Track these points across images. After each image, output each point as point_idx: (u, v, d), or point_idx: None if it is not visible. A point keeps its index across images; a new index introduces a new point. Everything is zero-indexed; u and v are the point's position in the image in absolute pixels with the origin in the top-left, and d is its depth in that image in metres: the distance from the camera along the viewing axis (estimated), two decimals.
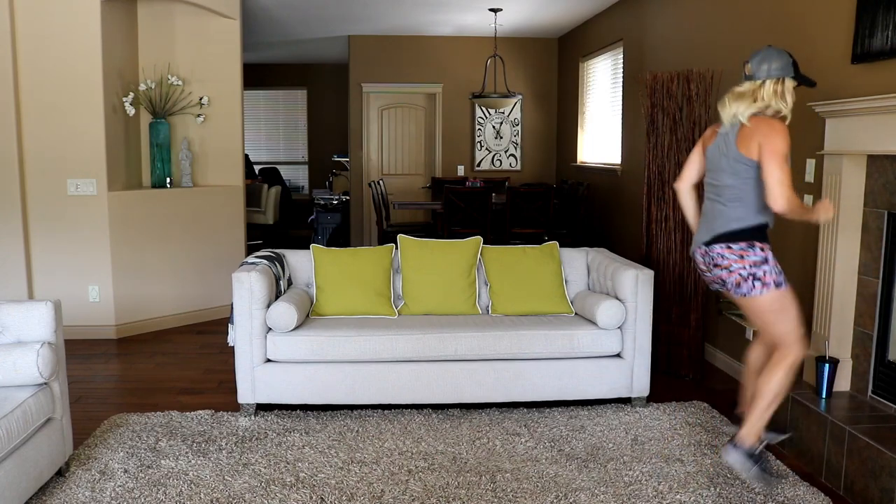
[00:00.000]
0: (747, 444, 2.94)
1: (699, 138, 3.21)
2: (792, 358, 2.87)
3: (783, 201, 2.70)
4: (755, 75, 2.87)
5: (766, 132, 2.76)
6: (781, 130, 2.76)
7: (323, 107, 12.04)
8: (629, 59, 6.68)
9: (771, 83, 2.84)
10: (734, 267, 2.85)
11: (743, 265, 2.84)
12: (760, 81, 2.85)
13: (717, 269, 2.92)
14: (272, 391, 3.91)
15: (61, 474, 3.21)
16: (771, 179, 2.71)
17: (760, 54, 2.89)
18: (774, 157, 2.71)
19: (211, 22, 6.13)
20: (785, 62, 2.85)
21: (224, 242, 6.19)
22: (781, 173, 2.70)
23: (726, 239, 2.87)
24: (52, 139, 5.30)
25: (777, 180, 2.70)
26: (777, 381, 2.87)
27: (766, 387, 2.89)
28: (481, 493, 3.09)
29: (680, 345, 4.73)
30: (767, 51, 2.89)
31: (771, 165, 2.71)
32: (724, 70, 4.63)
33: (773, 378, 2.87)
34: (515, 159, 9.46)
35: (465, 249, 4.38)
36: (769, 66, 2.84)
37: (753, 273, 2.82)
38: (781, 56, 2.86)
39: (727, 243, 2.87)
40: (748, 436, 2.94)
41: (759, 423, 2.92)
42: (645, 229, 4.88)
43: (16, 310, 3.07)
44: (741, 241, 2.85)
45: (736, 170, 2.86)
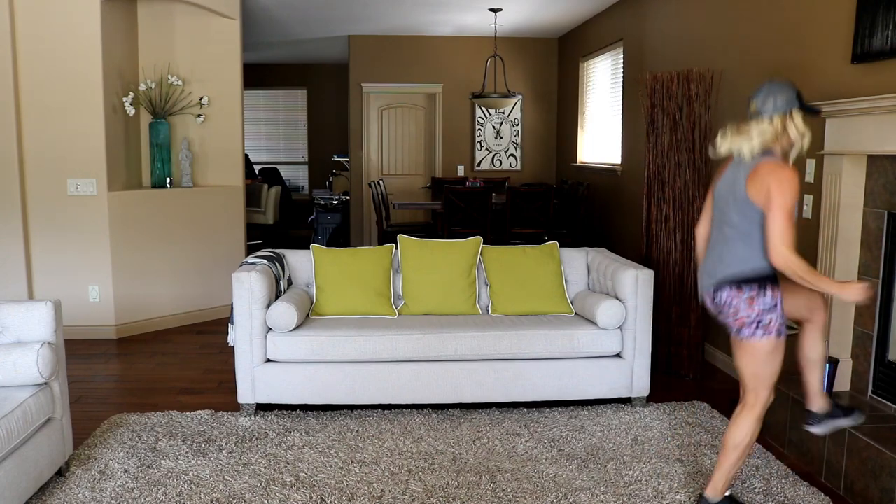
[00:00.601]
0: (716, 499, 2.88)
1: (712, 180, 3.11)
2: (761, 407, 2.80)
3: (781, 258, 2.60)
4: (762, 112, 2.77)
5: (776, 181, 2.64)
6: (791, 181, 2.64)
7: (323, 107, 12.04)
8: (629, 59, 6.68)
9: (779, 118, 2.73)
10: (741, 314, 2.74)
11: (750, 312, 2.73)
12: (769, 118, 2.75)
13: (721, 315, 2.83)
14: (272, 391, 3.91)
15: (61, 474, 3.21)
16: (772, 233, 2.62)
17: (764, 90, 2.79)
18: (780, 211, 2.60)
19: (211, 22, 6.13)
20: (790, 95, 2.75)
21: (224, 242, 6.19)
22: (782, 227, 2.59)
23: (734, 282, 2.76)
24: (52, 139, 5.30)
25: (779, 236, 2.60)
26: (746, 433, 2.79)
27: (735, 438, 2.81)
28: (481, 493, 3.09)
29: (680, 345, 4.73)
30: (770, 86, 2.80)
31: (774, 219, 2.61)
32: (724, 70, 4.64)
33: (742, 429, 2.80)
34: (515, 159, 9.46)
35: (465, 249, 4.38)
36: (775, 101, 2.74)
37: (759, 320, 2.72)
38: (785, 89, 2.77)
39: (736, 287, 2.75)
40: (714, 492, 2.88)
41: (726, 476, 2.85)
42: (645, 229, 4.88)
43: (16, 310, 3.07)
44: (753, 284, 2.73)
45: (743, 210, 2.76)
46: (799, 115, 2.76)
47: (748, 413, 2.80)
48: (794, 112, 2.75)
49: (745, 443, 2.81)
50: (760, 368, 2.77)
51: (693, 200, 4.66)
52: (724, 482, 2.86)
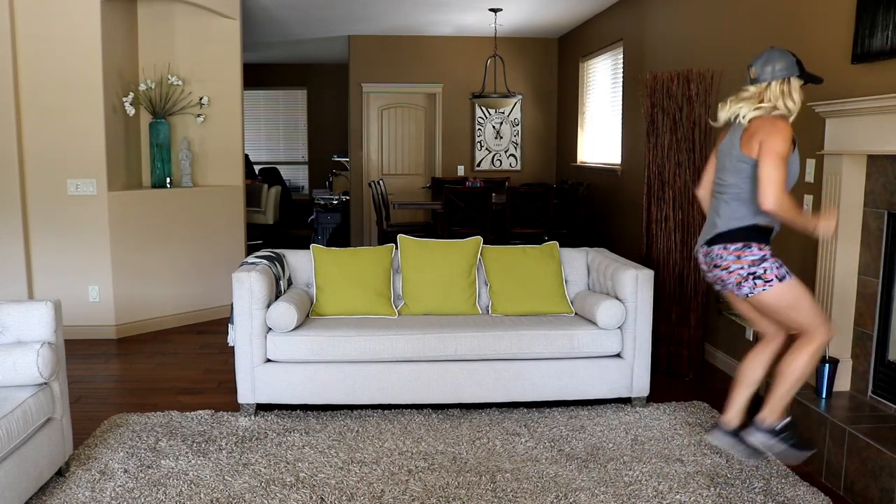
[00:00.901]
0: (768, 423, 2.93)
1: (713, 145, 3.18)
2: (818, 342, 2.83)
3: (772, 199, 2.68)
4: (760, 77, 2.85)
5: (767, 131, 2.75)
6: (783, 130, 2.74)
7: (323, 107, 12.04)
8: (629, 59, 6.68)
9: (777, 84, 2.81)
10: (733, 267, 2.84)
11: (741, 265, 2.83)
12: (766, 83, 2.83)
13: (716, 269, 2.92)
14: (272, 391, 3.91)
15: (61, 474, 3.21)
16: (763, 177, 2.70)
17: (764, 56, 2.87)
18: (770, 155, 2.70)
19: (211, 22, 6.13)
20: (789, 62, 2.83)
21: (224, 242, 6.19)
22: (774, 172, 2.68)
23: (724, 239, 2.87)
24: (52, 139, 5.30)
25: (769, 178, 2.68)
26: (802, 364, 2.83)
27: (790, 368, 2.86)
28: (481, 493, 3.09)
29: (680, 345, 4.73)
30: (770, 52, 2.88)
31: (765, 163, 2.70)
32: (724, 70, 4.63)
33: (798, 360, 2.84)
34: (515, 159, 9.46)
35: (465, 249, 4.38)
36: (773, 67, 2.82)
37: (753, 272, 2.80)
38: (785, 56, 2.84)
39: (724, 244, 2.86)
40: (770, 415, 2.93)
41: (780, 403, 2.91)
42: (645, 229, 4.88)
43: (16, 310, 3.07)
44: (738, 242, 2.84)
45: (738, 168, 2.85)
46: (798, 82, 2.82)
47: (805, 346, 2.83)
48: (793, 79, 2.81)
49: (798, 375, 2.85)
50: (792, 318, 2.83)
51: (693, 200, 4.65)
52: (781, 405, 2.90)
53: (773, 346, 3.10)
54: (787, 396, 2.92)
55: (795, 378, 2.87)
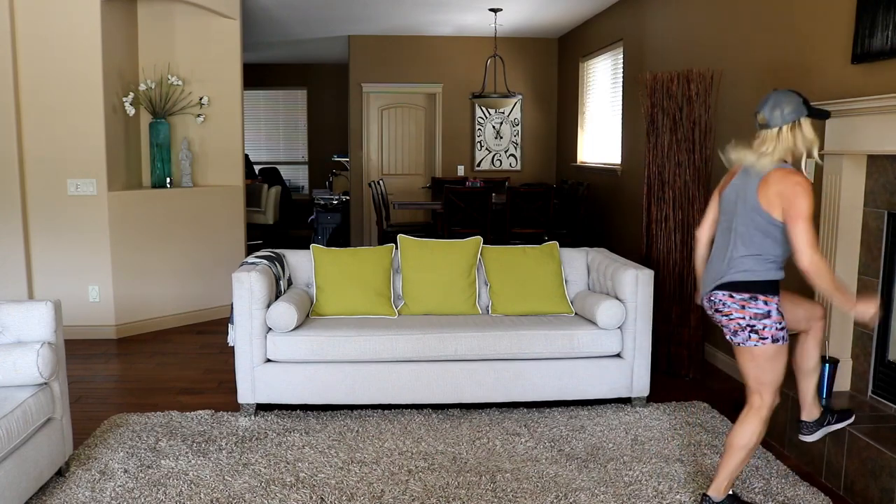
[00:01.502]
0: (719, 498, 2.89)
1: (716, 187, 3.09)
2: (766, 410, 2.80)
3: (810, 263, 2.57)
4: (770, 123, 2.74)
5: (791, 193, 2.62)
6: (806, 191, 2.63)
7: (323, 107, 12.04)
8: (629, 59, 6.68)
9: (788, 128, 2.70)
10: (734, 315, 2.76)
11: (743, 315, 2.75)
12: (777, 129, 2.72)
13: (717, 314, 2.84)
14: (272, 391, 3.90)
15: (61, 474, 3.21)
16: (799, 240, 2.59)
17: (770, 101, 2.75)
18: (801, 220, 2.59)
19: (211, 22, 6.13)
20: (796, 103, 2.72)
21: (224, 242, 6.19)
22: (807, 235, 2.58)
23: (731, 287, 2.77)
24: (52, 139, 5.30)
25: (805, 242, 2.57)
26: (751, 433, 2.80)
27: (739, 440, 2.81)
28: (481, 493, 3.09)
29: (680, 345, 4.73)
30: (776, 96, 2.76)
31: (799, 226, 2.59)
32: (724, 70, 4.63)
33: (746, 431, 2.80)
34: (515, 159, 9.46)
35: (465, 249, 4.38)
36: (782, 112, 2.71)
37: (752, 325, 2.73)
38: (791, 98, 2.74)
39: (731, 292, 2.77)
40: (717, 492, 2.88)
41: (730, 477, 2.86)
42: (645, 229, 4.88)
43: (16, 310, 3.07)
44: (745, 293, 2.75)
45: (752, 219, 2.74)
46: (808, 122, 2.73)
47: (754, 415, 2.81)
48: (803, 120, 2.72)
49: (751, 444, 2.81)
50: (761, 373, 2.78)
51: (693, 200, 4.66)
52: (727, 482, 2.87)
53: (814, 332, 2.98)
54: (738, 469, 2.86)
55: (747, 449, 2.82)
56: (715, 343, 4.95)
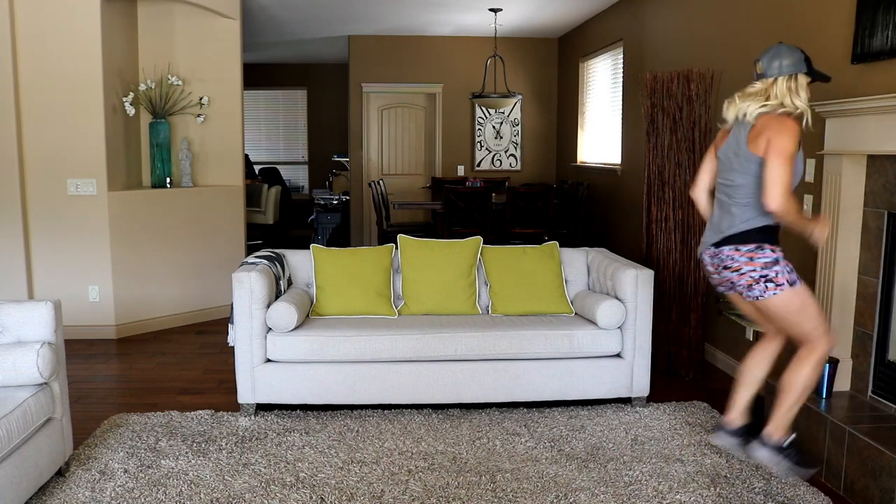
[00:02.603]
0: (775, 439, 2.89)
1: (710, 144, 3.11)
2: (820, 352, 2.78)
3: (778, 200, 2.62)
4: (766, 73, 2.77)
5: (775, 129, 2.68)
6: (791, 129, 2.67)
7: (323, 107, 12.03)
8: (629, 59, 6.68)
9: (783, 80, 2.73)
10: (744, 269, 2.77)
11: (753, 267, 2.76)
12: (772, 79, 2.76)
13: (726, 271, 2.85)
14: (272, 391, 3.91)
15: (61, 474, 3.21)
16: (769, 177, 2.64)
17: (771, 51, 2.79)
18: (778, 155, 2.63)
19: (211, 22, 6.13)
20: (797, 58, 2.75)
21: (224, 242, 6.19)
22: (781, 172, 2.62)
23: (735, 241, 2.80)
24: (52, 139, 5.30)
25: (775, 178, 2.62)
26: (805, 376, 2.79)
27: (793, 381, 2.81)
28: (481, 493, 3.09)
29: (680, 345, 4.73)
30: (778, 48, 2.80)
31: (772, 162, 2.64)
32: (724, 70, 4.63)
33: (801, 373, 2.79)
34: (515, 159, 9.46)
35: (465, 249, 4.38)
36: (780, 63, 2.74)
37: (765, 275, 2.74)
38: (793, 52, 2.76)
39: (735, 245, 2.80)
40: (776, 431, 2.89)
41: (786, 417, 2.86)
42: (645, 229, 4.88)
43: (16, 310, 3.07)
44: (750, 243, 2.78)
45: (746, 168, 2.78)
46: (805, 79, 2.75)
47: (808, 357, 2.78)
48: (800, 76, 2.73)
49: (805, 385, 2.80)
50: (796, 324, 2.77)
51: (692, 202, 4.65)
52: (787, 419, 2.84)
53: (774, 345, 3.07)
54: (793, 410, 2.85)
55: (801, 390, 2.81)
56: (715, 343, 4.95)
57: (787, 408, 2.85)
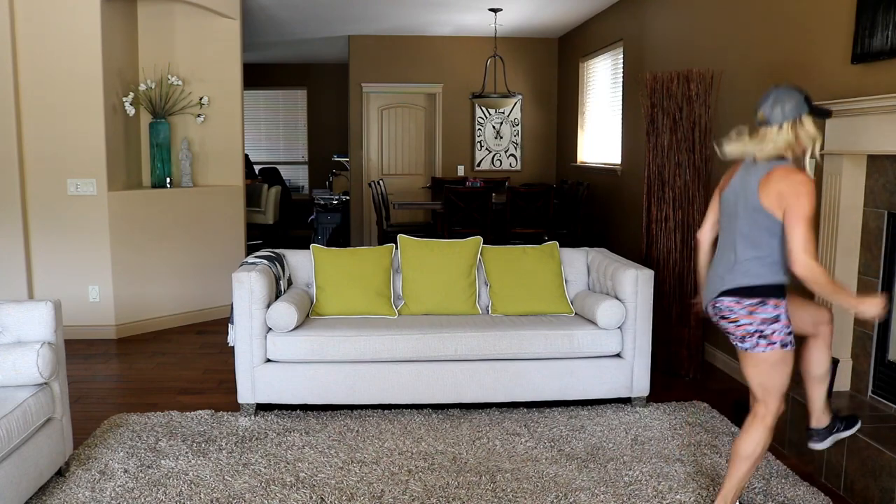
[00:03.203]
0: (824, 425, 2.86)
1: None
2: (771, 417, 2.74)
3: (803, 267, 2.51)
4: (770, 120, 2.67)
5: (792, 192, 2.56)
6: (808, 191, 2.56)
7: (323, 107, 12.04)
8: (629, 59, 6.68)
9: (788, 125, 2.63)
10: (742, 322, 2.69)
11: (751, 321, 2.67)
12: (777, 126, 2.66)
13: (723, 321, 2.76)
14: (272, 391, 3.90)
15: (61, 474, 3.21)
16: (795, 244, 2.52)
17: (771, 97, 2.69)
18: (800, 220, 2.52)
19: (211, 22, 6.13)
20: (797, 100, 2.66)
21: (224, 242, 6.19)
22: (806, 237, 2.51)
23: (739, 294, 2.70)
24: (52, 139, 5.30)
25: (801, 246, 2.51)
26: (757, 443, 2.73)
27: (746, 449, 2.74)
28: (481, 493, 3.09)
29: (680, 345, 4.73)
30: (777, 92, 2.70)
31: (796, 229, 2.53)
32: (724, 70, 4.63)
33: (752, 440, 2.74)
34: (515, 159, 9.46)
35: (465, 249, 4.38)
36: (783, 109, 2.65)
37: (760, 330, 2.66)
38: (792, 94, 2.68)
39: (738, 297, 2.69)
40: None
41: (736, 487, 2.80)
42: (645, 229, 4.88)
43: (16, 310, 3.07)
44: (754, 297, 2.67)
45: (755, 220, 2.67)
46: (809, 119, 2.67)
47: (759, 423, 2.74)
48: (804, 117, 2.64)
49: (757, 453, 2.74)
50: (767, 379, 2.70)
51: (693, 200, 4.66)
52: (734, 493, 2.80)
53: (822, 338, 2.90)
54: (745, 479, 2.80)
55: (754, 459, 2.75)
56: (715, 343, 4.95)
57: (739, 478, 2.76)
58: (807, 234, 2.52)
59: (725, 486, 2.81)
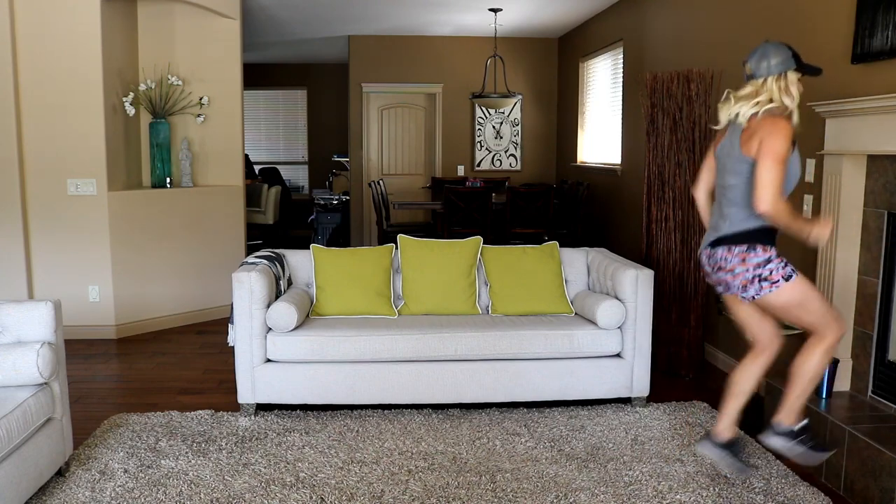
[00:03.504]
0: (786, 425, 2.90)
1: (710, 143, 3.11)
2: (830, 339, 2.76)
3: (767, 201, 2.60)
4: (755, 74, 2.76)
5: (767, 130, 2.67)
6: (783, 130, 2.66)
7: (323, 107, 12.04)
8: (629, 59, 6.68)
9: (773, 80, 2.71)
10: (737, 270, 2.76)
11: (746, 268, 2.75)
12: (762, 80, 2.75)
13: (720, 272, 2.84)
14: (272, 391, 3.91)
15: (61, 474, 3.21)
16: (759, 178, 2.62)
17: (758, 51, 2.78)
18: (768, 156, 2.61)
19: (211, 22, 6.13)
20: (785, 56, 2.73)
21: (224, 242, 6.19)
22: (771, 173, 2.60)
23: (728, 241, 2.80)
24: (52, 139, 5.30)
25: (765, 180, 2.60)
26: (815, 363, 2.76)
27: (803, 367, 2.79)
28: (481, 493, 3.09)
29: (680, 345, 4.73)
30: (765, 47, 2.78)
31: (762, 164, 2.62)
32: (724, 70, 4.63)
33: (810, 360, 2.77)
34: (515, 159, 9.46)
35: (465, 249, 4.38)
36: (769, 63, 2.73)
37: (758, 274, 2.72)
38: (780, 50, 2.75)
39: (728, 245, 2.80)
40: (787, 417, 2.89)
41: (797, 403, 2.85)
42: (645, 229, 4.88)
43: (16, 310, 3.07)
44: (742, 244, 2.77)
45: (739, 170, 2.78)
46: (795, 75, 2.74)
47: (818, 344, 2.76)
48: (790, 73, 2.72)
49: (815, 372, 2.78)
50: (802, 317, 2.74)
51: (693, 200, 4.65)
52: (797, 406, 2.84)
53: (766, 356, 3.02)
54: (804, 397, 2.84)
55: (810, 377, 2.79)
56: (715, 343, 4.95)
57: (797, 394, 2.84)
58: (774, 172, 2.61)
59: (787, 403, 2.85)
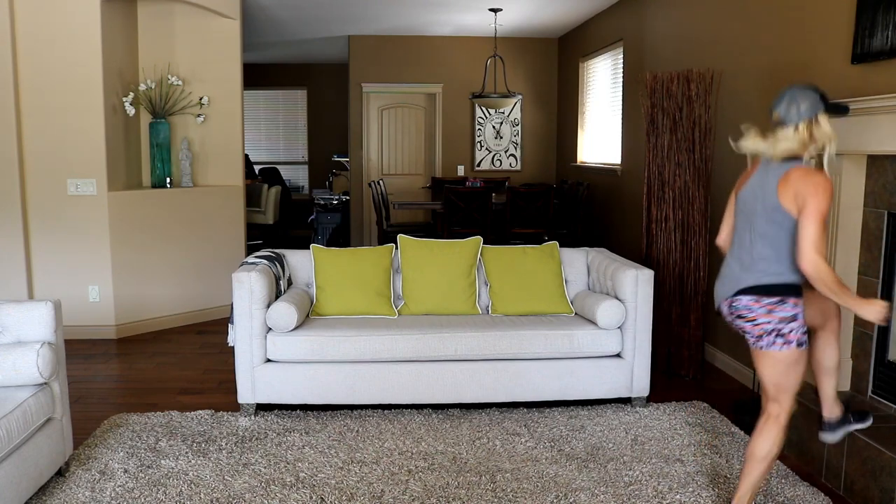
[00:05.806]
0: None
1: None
2: (785, 416, 2.73)
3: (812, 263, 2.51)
4: (786, 120, 2.67)
5: (810, 191, 2.56)
6: (825, 190, 2.57)
7: (323, 107, 12.04)
8: (629, 59, 6.68)
9: (804, 125, 2.64)
10: (760, 321, 2.67)
11: (769, 319, 2.66)
12: (794, 126, 2.65)
13: (739, 320, 2.74)
14: (272, 391, 3.91)
15: (61, 474, 3.21)
16: (803, 237, 2.53)
17: (786, 97, 2.68)
18: (813, 215, 2.53)
19: (211, 22, 6.13)
20: (813, 99, 2.66)
21: (224, 242, 6.19)
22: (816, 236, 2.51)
23: (757, 292, 2.68)
24: (52, 139, 5.30)
25: (811, 238, 2.51)
26: (772, 443, 2.73)
27: (761, 450, 2.73)
28: (481, 493, 3.09)
29: (680, 345, 4.73)
30: (792, 92, 2.69)
31: (808, 226, 2.52)
32: (724, 70, 4.63)
33: (766, 440, 2.73)
34: (515, 159, 9.46)
35: (465, 249, 4.38)
36: (798, 108, 2.64)
37: (778, 329, 2.64)
38: (807, 93, 2.67)
39: (757, 296, 2.68)
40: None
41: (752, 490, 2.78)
42: (645, 229, 4.88)
43: (16, 310, 3.07)
44: (774, 296, 2.66)
45: (773, 218, 2.66)
46: (825, 118, 2.67)
47: (773, 424, 2.73)
48: (820, 116, 2.64)
49: (773, 453, 2.74)
50: (783, 379, 2.69)
51: (693, 200, 4.66)
52: (750, 495, 2.78)
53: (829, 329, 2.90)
54: (761, 481, 2.79)
55: (770, 459, 2.75)
56: (715, 343, 4.95)
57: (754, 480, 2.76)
58: (818, 231, 2.52)
59: (741, 489, 2.79)
